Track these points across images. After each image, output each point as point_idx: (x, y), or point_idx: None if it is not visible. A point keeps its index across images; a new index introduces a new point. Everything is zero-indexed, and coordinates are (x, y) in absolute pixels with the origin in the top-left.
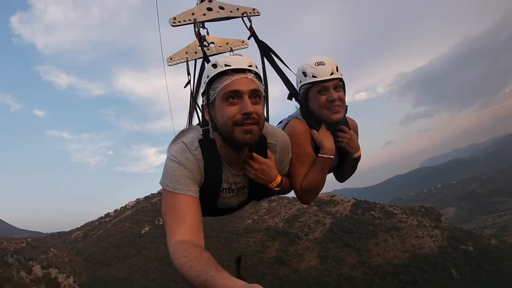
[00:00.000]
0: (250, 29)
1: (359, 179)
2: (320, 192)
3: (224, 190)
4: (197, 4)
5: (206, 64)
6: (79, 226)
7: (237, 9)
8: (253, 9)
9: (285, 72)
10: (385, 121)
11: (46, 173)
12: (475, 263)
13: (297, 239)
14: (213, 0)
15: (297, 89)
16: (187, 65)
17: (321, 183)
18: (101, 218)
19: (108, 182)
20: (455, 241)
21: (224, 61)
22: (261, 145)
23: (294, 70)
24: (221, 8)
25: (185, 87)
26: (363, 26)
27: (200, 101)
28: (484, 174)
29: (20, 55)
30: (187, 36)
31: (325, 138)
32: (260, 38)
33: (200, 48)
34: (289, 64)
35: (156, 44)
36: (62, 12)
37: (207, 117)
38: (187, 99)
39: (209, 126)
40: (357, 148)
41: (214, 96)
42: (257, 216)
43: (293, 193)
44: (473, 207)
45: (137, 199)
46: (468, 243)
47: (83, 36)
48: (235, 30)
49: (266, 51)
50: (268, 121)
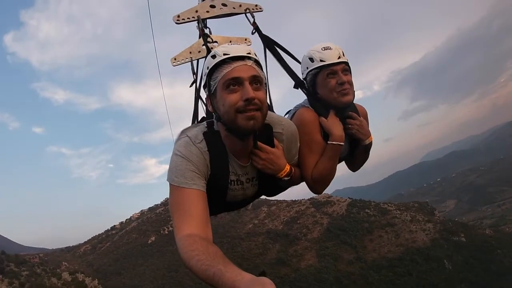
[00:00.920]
0: (254, 24)
1: (360, 178)
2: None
3: (232, 182)
4: (199, 2)
5: None
6: (86, 240)
7: (240, 5)
8: (256, 5)
9: (289, 63)
10: (383, 118)
11: (48, 189)
12: (467, 253)
13: (296, 239)
14: None
15: (304, 76)
16: (192, 64)
17: (332, 171)
18: (108, 231)
19: (110, 195)
20: (447, 233)
21: (222, 50)
22: (267, 134)
23: (296, 64)
24: (224, 5)
25: (190, 86)
26: (355, 25)
27: (203, 96)
28: (483, 165)
29: (16, 73)
30: (183, 43)
31: (334, 125)
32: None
33: (203, 47)
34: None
35: (151, 55)
36: (55, 28)
37: (210, 108)
38: (185, 108)
39: (213, 118)
40: (368, 134)
41: (215, 86)
42: (257, 221)
43: (292, 195)
44: (472, 199)
45: (142, 210)
46: (460, 234)
47: (78, 51)
48: (237, 28)
49: (270, 44)
50: (273, 111)
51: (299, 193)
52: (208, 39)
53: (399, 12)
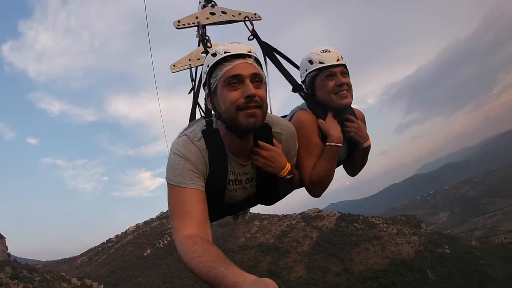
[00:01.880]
0: (252, 30)
1: (355, 191)
2: (308, 209)
3: (231, 182)
4: (199, 9)
5: None
6: (83, 252)
7: (239, 13)
8: (255, 14)
9: (288, 68)
10: (378, 131)
11: (41, 201)
12: (450, 264)
13: (287, 253)
14: (216, 5)
15: (302, 79)
16: (190, 71)
17: (330, 173)
18: (104, 243)
19: (104, 208)
20: (432, 245)
21: (223, 48)
22: (266, 134)
23: (295, 71)
24: (224, 12)
25: (189, 93)
26: (349, 40)
27: (202, 98)
28: (476, 176)
29: (13, 83)
30: (180, 52)
31: (332, 126)
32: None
33: (203, 54)
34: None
35: (148, 68)
36: (52, 40)
37: (210, 106)
38: (181, 121)
39: (213, 116)
40: (366, 137)
41: (215, 84)
42: (249, 234)
43: (283, 210)
44: (465, 210)
45: (137, 224)
46: (444, 246)
47: (75, 63)
48: (236, 36)
49: (268, 50)
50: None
51: (291, 208)
52: (208, 44)
53: (392, 27)
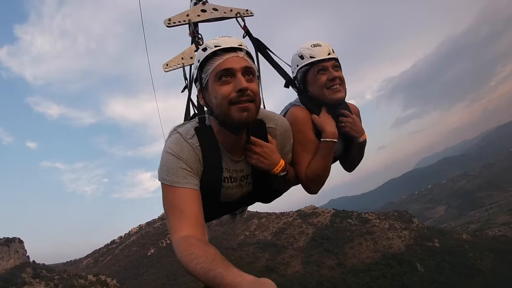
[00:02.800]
0: (244, 27)
1: (355, 187)
2: (304, 206)
3: (226, 180)
4: (191, 7)
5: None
6: (87, 254)
7: (231, 10)
8: (246, 10)
9: (280, 64)
10: (376, 127)
11: (42, 205)
12: (439, 257)
13: (284, 248)
14: (207, 3)
15: (294, 75)
16: (184, 70)
17: (326, 169)
18: (108, 245)
19: (105, 210)
20: (422, 239)
21: (213, 42)
22: (260, 129)
23: (287, 68)
24: (215, 9)
25: (182, 91)
26: (345, 36)
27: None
28: (473, 170)
29: (10, 88)
30: (177, 51)
31: (326, 122)
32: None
33: (195, 53)
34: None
35: (144, 69)
36: (49, 43)
37: (202, 102)
38: (179, 121)
39: (205, 112)
40: (362, 132)
41: (206, 79)
42: (248, 232)
43: (280, 208)
44: (462, 204)
45: (140, 225)
46: (434, 240)
47: (72, 66)
48: (231, 32)
49: (260, 47)
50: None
51: (288, 205)
52: (200, 42)
53: (387, 22)
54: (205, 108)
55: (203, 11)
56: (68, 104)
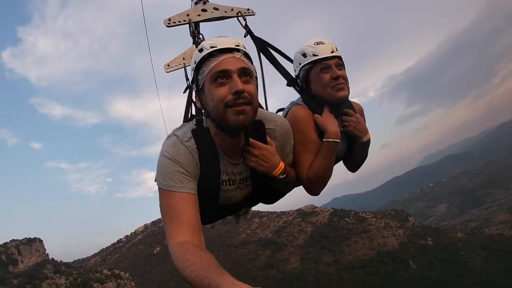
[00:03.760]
0: (246, 26)
1: (359, 185)
2: (304, 205)
3: (224, 182)
4: (191, 6)
5: None
6: (95, 253)
7: (232, 9)
8: (248, 9)
9: (283, 64)
10: (380, 124)
11: (47, 205)
12: (431, 255)
13: (284, 246)
14: (207, 2)
15: (296, 73)
16: (185, 70)
17: (328, 170)
18: (114, 244)
19: (109, 209)
20: (415, 238)
21: (209, 43)
22: (259, 131)
23: (290, 65)
24: (216, 9)
25: (184, 92)
26: (349, 34)
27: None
28: (475, 168)
29: (14, 89)
30: (180, 51)
31: (329, 121)
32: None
33: None
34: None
35: (148, 69)
36: (52, 45)
37: (198, 104)
38: (182, 120)
39: (202, 115)
40: (365, 131)
41: (202, 81)
42: (250, 231)
43: (281, 207)
44: (463, 202)
45: (145, 224)
46: (428, 238)
47: (75, 67)
48: (233, 32)
49: (262, 46)
50: (267, 110)
51: (288, 204)
52: (200, 42)
53: (390, 20)
54: (202, 111)
55: (204, 10)
56: (72, 105)
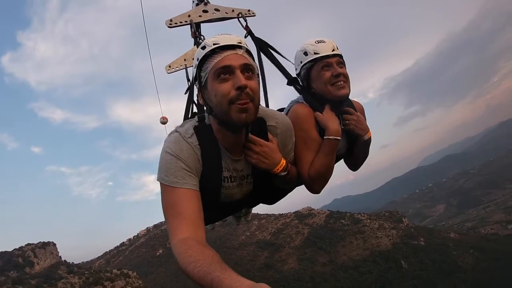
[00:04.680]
0: (246, 27)
1: (359, 186)
2: (302, 207)
3: (226, 179)
4: (193, 7)
5: None
6: (99, 255)
7: (233, 10)
8: (248, 10)
9: (282, 63)
10: (379, 125)
11: (48, 208)
12: (423, 255)
13: (281, 247)
14: (208, 3)
15: (298, 72)
16: (186, 71)
17: (329, 168)
18: (118, 247)
19: (110, 212)
20: (407, 238)
21: (212, 40)
22: (261, 128)
23: (290, 66)
24: (217, 10)
25: (185, 93)
26: (347, 35)
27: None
28: (474, 168)
29: (14, 94)
30: (180, 53)
31: (330, 119)
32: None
33: None
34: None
35: (148, 72)
36: (52, 49)
37: (201, 101)
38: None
39: (205, 112)
40: (366, 129)
41: (205, 77)
42: (249, 233)
43: (279, 209)
44: (461, 202)
45: (148, 227)
46: (420, 239)
47: (75, 70)
48: (233, 33)
49: (263, 46)
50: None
51: (286, 207)
52: (201, 42)
53: (388, 21)
54: (205, 108)
55: (205, 11)
56: (72, 109)
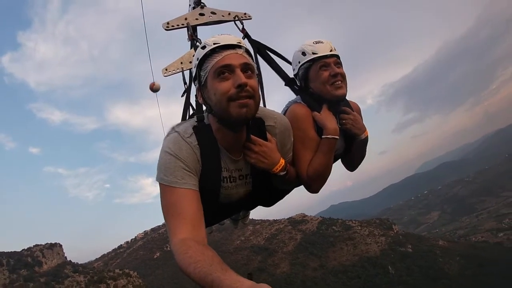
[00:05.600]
0: (243, 30)
1: (356, 192)
2: (295, 214)
3: (225, 179)
4: (189, 10)
5: None
6: (97, 257)
7: (229, 14)
8: (245, 14)
9: (280, 65)
10: (377, 131)
11: (45, 210)
12: (410, 261)
13: (274, 252)
14: (205, 7)
15: (295, 72)
16: (183, 74)
17: (328, 167)
18: (115, 249)
19: (107, 215)
20: (396, 245)
21: (212, 40)
22: (259, 128)
23: (288, 66)
24: (213, 13)
25: (182, 96)
26: (344, 42)
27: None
28: (469, 175)
29: (13, 94)
30: (178, 56)
31: (328, 118)
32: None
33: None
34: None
35: (147, 75)
36: (52, 50)
37: (201, 100)
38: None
39: (204, 111)
40: (363, 129)
41: (205, 76)
42: (244, 238)
43: (273, 215)
44: (455, 210)
45: (145, 231)
46: (408, 245)
47: (75, 72)
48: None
49: (260, 48)
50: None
51: (280, 213)
52: (198, 45)
53: (387, 27)
54: (204, 107)
55: (201, 14)
56: (71, 110)
